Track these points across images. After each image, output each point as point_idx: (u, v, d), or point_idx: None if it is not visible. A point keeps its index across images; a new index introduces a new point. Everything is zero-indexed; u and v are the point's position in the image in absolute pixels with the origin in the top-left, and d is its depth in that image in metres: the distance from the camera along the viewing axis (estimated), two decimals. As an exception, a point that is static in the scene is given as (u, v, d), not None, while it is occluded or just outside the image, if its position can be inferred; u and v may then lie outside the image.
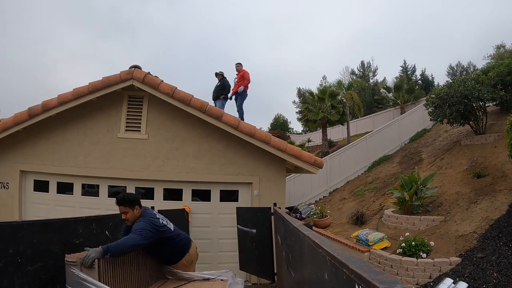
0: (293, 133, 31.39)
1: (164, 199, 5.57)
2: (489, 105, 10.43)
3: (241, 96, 8.74)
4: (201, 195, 5.73)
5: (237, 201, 5.69)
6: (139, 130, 5.56)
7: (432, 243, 5.79)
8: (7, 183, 5.34)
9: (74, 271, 2.30)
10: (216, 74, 8.93)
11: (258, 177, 5.60)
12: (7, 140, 5.31)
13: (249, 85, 8.88)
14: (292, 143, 12.22)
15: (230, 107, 8.86)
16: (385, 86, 23.68)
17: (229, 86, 8.83)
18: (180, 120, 5.59)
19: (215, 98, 8.74)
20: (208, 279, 3.46)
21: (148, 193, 5.59)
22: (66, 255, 2.45)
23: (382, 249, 6.30)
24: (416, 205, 7.16)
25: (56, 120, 5.40)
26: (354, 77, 33.13)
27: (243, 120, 7.85)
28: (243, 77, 8.71)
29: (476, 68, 27.26)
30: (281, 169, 5.69)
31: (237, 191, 5.74)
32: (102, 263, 2.43)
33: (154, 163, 5.49)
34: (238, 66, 9.01)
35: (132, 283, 2.83)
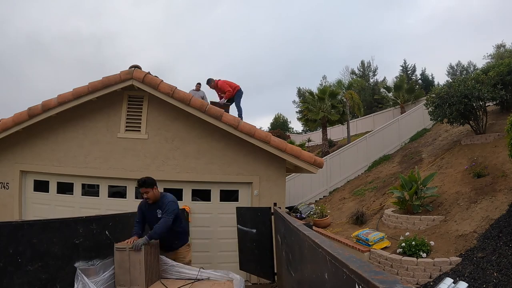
0: (293, 133, 31.45)
1: (164, 199, 5.56)
2: (489, 105, 10.43)
3: (237, 94, 8.66)
4: (201, 195, 5.73)
5: (237, 201, 5.68)
6: (139, 130, 5.56)
7: (432, 242, 5.79)
8: (7, 183, 5.35)
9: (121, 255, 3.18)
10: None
11: (258, 176, 5.60)
12: (7, 140, 5.31)
13: (237, 83, 8.64)
14: (292, 142, 12.24)
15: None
16: (385, 86, 23.68)
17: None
18: (180, 120, 5.59)
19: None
20: (208, 278, 3.47)
21: (148, 193, 5.58)
22: (115, 243, 3.27)
23: (382, 248, 6.30)
24: (416, 205, 7.16)
25: (56, 120, 5.40)
26: (354, 77, 33.19)
27: (242, 118, 7.82)
28: (223, 90, 8.34)
29: (476, 67, 27.32)
30: (281, 168, 5.69)
31: (237, 191, 5.74)
32: (145, 248, 3.22)
33: (154, 163, 5.49)
34: (211, 84, 8.38)
35: (156, 264, 3.55)
